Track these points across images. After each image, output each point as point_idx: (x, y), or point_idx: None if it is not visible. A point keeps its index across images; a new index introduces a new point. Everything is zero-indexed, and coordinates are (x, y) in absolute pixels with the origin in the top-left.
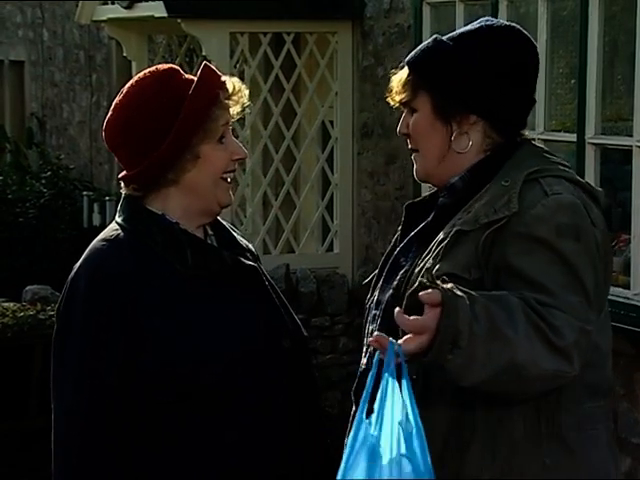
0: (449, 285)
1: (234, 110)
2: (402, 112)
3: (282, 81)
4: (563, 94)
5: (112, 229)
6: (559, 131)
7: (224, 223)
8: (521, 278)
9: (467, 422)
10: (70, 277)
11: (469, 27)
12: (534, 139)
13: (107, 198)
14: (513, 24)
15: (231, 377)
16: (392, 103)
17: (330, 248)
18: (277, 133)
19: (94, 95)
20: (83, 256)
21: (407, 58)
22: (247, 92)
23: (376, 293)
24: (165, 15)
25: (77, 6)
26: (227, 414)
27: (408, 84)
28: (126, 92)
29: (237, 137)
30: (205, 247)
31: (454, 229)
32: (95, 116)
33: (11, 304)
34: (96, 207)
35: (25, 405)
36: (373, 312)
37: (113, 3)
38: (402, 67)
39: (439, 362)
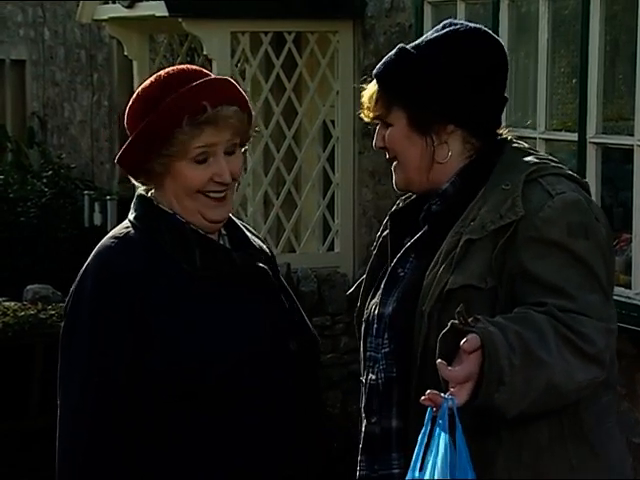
0: (481, 323)
1: (230, 135)
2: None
3: (283, 80)
4: (564, 93)
5: (123, 226)
6: (560, 130)
7: (238, 222)
8: (538, 283)
9: (492, 432)
10: (79, 274)
11: (434, 34)
12: (535, 138)
13: (108, 197)
14: (478, 26)
15: (237, 378)
16: (366, 119)
17: (331, 247)
18: (278, 132)
19: (95, 94)
20: (93, 253)
21: (374, 71)
22: (244, 119)
23: (373, 306)
24: (166, 14)
25: (78, 5)
26: (233, 414)
27: (380, 100)
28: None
29: None
30: (214, 248)
31: (463, 238)
32: (96, 115)
33: (12, 303)
34: (97, 206)
35: (26, 405)
36: (375, 326)
37: (114, 2)
38: (371, 80)
39: (487, 403)
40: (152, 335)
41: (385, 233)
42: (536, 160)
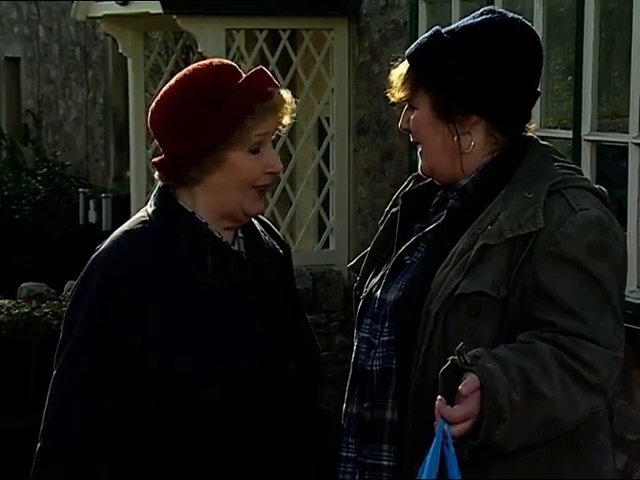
0: (480, 360)
1: (282, 122)
2: (401, 107)
3: (278, 78)
4: (559, 91)
5: (139, 220)
6: (555, 128)
7: (255, 223)
8: (551, 300)
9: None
10: (87, 266)
11: (470, 20)
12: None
13: (103, 195)
14: (516, 17)
15: (225, 393)
16: (392, 99)
17: (326, 245)
18: None
19: (90, 92)
20: (104, 245)
21: (407, 52)
22: (294, 105)
23: (374, 286)
24: (161, 11)
25: (73, 3)
26: (219, 430)
27: (407, 81)
28: (178, 77)
29: None
30: (228, 255)
31: (478, 242)
32: (91, 113)
33: (6, 301)
34: (92, 204)
35: (20, 403)
36: (374, 309)
37: None
38: (402, 60)
39: (487, 440)
40: (150, 334)
41: (394, 210)
42: (561, 169)
